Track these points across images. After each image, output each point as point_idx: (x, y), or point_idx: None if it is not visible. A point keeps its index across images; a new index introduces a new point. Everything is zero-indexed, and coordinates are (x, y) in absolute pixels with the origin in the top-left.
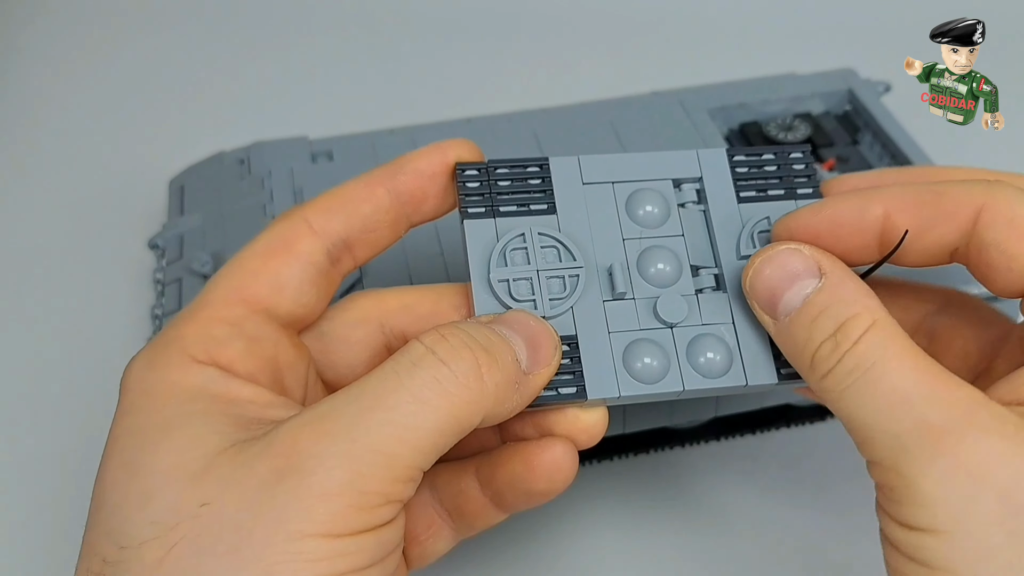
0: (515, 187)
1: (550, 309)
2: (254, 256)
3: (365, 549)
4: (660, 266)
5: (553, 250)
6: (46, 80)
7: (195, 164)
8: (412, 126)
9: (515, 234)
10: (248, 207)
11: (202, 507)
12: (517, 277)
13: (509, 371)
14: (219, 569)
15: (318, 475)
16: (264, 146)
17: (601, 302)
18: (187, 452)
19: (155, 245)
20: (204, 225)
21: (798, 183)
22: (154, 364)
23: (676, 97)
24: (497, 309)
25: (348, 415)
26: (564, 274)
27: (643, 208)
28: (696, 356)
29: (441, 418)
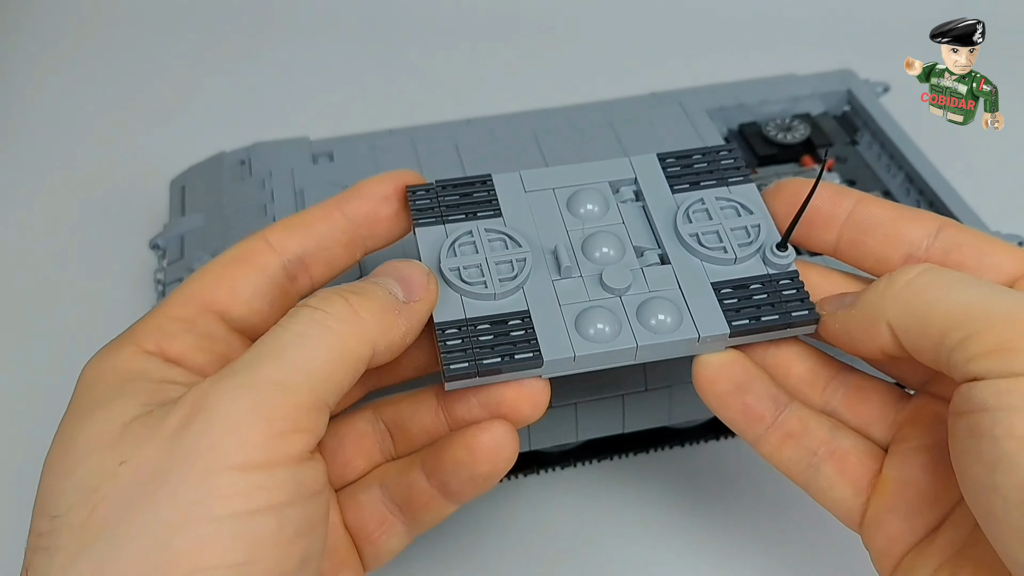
0: (462, 200)
1: (499, 288)
2: (214, 266)
3: (281, 484)
4: (604, 249)
5: (500, 242)
6: (47, 81)
7: (196, 164)
8: (412, 127)
9: (463, 231)
10: (249, 207)
11: (120, 465)
12: (467, 265)
13: (383, 302)
14: (139, 517)
15: (221, 409)
16: (265, 147)
17: (550, 281)
18: (105, 424)
19: (156, 245)
20: (205, 225)
21: (728, 173)
22: (105, 356)
23: (675, 98)
24: (449, 295)
25: (244, 361)
26: (512, 258)
27: (584, 206)
28: (647, 318)
29: (328, 347)
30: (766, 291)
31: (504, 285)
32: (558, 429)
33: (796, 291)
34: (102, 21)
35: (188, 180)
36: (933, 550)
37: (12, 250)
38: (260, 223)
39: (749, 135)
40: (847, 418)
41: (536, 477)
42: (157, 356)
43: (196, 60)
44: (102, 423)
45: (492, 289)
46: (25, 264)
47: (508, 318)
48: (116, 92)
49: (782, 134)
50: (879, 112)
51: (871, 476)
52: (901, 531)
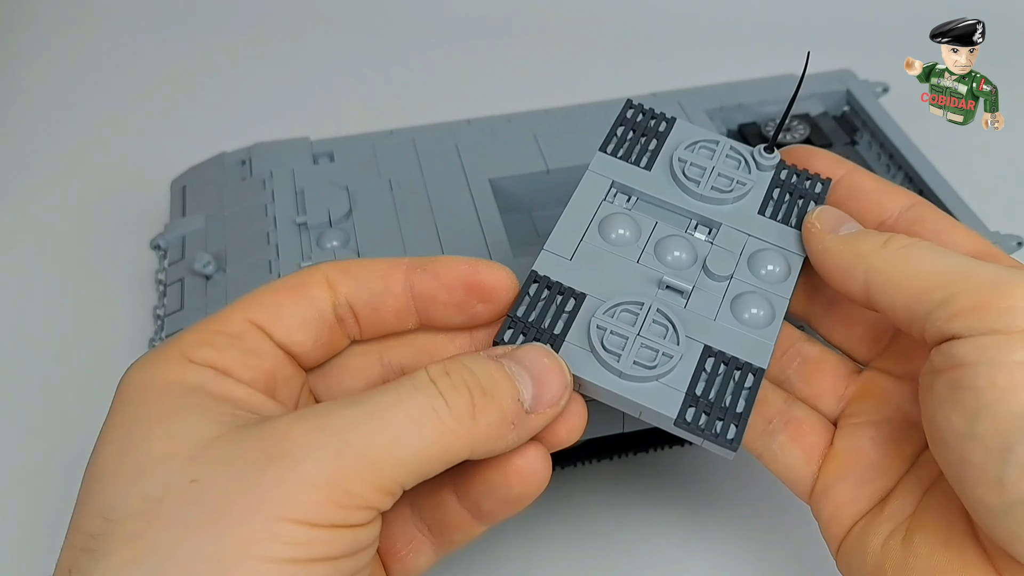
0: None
1: (631, 371)
2: (269, 289)
3: (339, 541)
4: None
5: (663, 327)
6: (48, 81)
7: (197, 165)
8: (412, 127)
9: (633, 299)
10: (250, 208)
11: (191, 483)
12: (616, 331)
13: (506, 412)
14: (196, 540)
15: (305, 465)
16: (265, 147)
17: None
18: (183, 437)
19: (157, 246)
20: (206, 226)
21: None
22: (152, 364)
23: (675, 98)
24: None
25: (345, 417)
26: (662, 350)
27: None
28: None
29: (430, 442)
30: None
31: (636, 370)
32: None
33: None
34: (102, 21)
35: (189, 180)
36: (883, 519)
37: (13, 250)
38: (261, 223)
39: (749, 135)
40: (800, 388)
41: None
42: (207, 367)
43: (197, 60)
44: (176, 437)
45: (622, 368)
46: (26, 264)
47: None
48: (117, 92)
49: (781, 134)
50: (878, 112)
51: (823, 447)
52: (851, 499)
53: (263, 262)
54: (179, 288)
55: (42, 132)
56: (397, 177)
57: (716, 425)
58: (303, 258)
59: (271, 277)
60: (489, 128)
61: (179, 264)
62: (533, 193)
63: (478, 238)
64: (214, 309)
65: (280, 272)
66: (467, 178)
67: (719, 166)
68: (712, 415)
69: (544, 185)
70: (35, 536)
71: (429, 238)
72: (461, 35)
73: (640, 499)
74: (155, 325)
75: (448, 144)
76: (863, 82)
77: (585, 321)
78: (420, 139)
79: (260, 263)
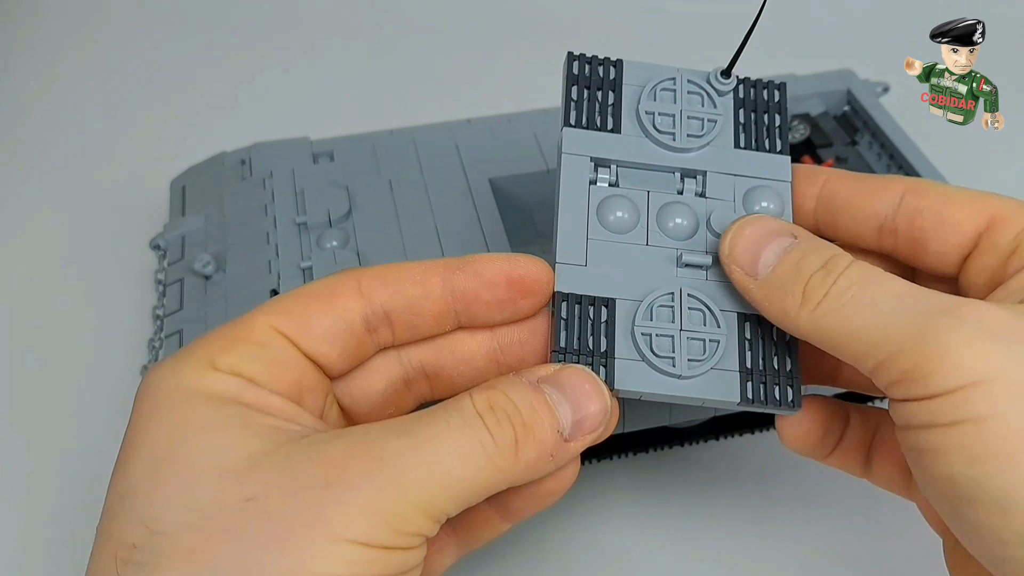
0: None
1: (687, 370)
2: (296, 296)
3: (391, 562)
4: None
5: (699, 313)
6: (47, 81)
7: (196, 165)
8: (413, 127)
9: (662, 292)
10: (249, 208)
11: (247, 501)
12: (661, 333)
13: (546, 446)
14: (257, 557)
15: (365, 491)
16: (265, 147)
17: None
18: (230, 451)
19: (157, 246)
20: (206, 226)
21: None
22: (178, 370)
23: None
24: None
25: (399, 448)
26: (706, 337)
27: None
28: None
29: (478, 478)
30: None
31: (693, 368)
32: None
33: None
34: (103, 21)
35: (188, 180)
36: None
37: (12, 250)
38: (261, 223)
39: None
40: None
41: None
42: (234, 376)
43: (197, 60)
44: (224, 450)
45: (679, 370)
46: (25, 264)
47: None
48: (117, 92)
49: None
50: (879, 112)
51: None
52: None
53: (263, 262)
54: (178, 288)
55: (42, 131)
56: (397, 177)
57: (775, 391)
58: (302, 258)
59: (270, 277)
60: (489, 128)
61: (179, 264)
62: (533, 193)
63: (478, 238)
64: (214, 309)
65: (280, 272)
66: (467, 178)
67: (685, 108)
68: (768, 383)
69: (544, 185)
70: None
71: (429, 238)
72: (461, 36)
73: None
74: (154, 325)
75: (448, 144)
76: (863, 82)
77: (626, 329)
78: (420, 139)
79: (260, 263)
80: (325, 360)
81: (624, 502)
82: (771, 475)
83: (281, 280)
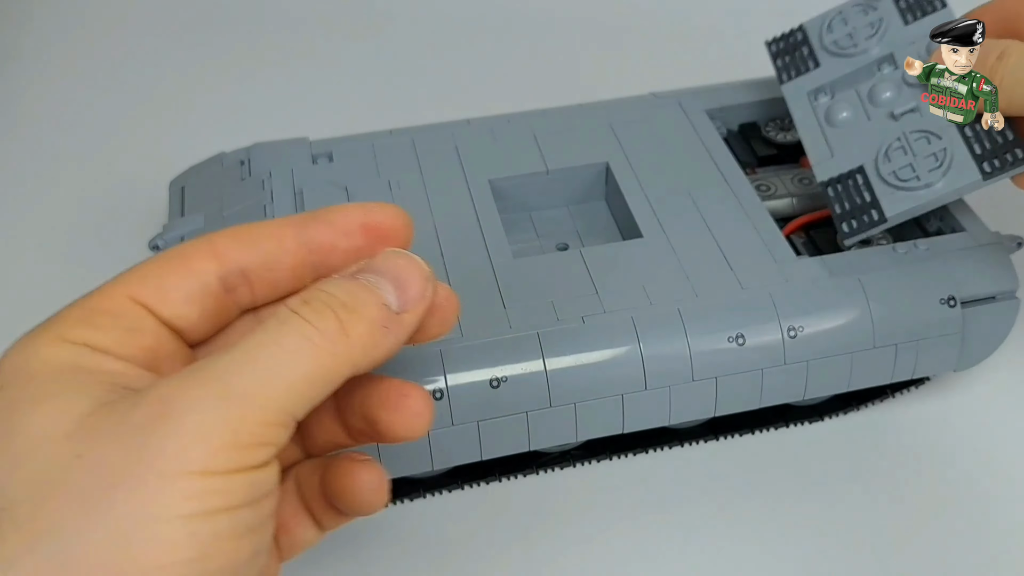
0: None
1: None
2: (151, 263)
3: (238, 489)
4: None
5: (922, 138)
6: (46, 81)
7: (196, 165)
8: (412, 127)
9: (889, 141)
10: (248, 208)
11: (76, 458)
12: (901, 166)
13: (374, 320)
14: (94, 511)
15: (192, 416)
16: (264, 147)
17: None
18: (59, 415)
19: (156, 246)
20: (205, 226)
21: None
22: (27, 344)
23: (675, 98)
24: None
25: (221, 366)
26: (935, 149)
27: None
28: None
29: (310, 366)
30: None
31: (934, 176)
32: (558, 429)
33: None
34: (101, 21)
35: (188, 180)
36: None
37: (11, 249)
38: None
39: (749, 135)
40: None
41: (536, 477)
42: (85, 347)
43: (196, 60)
44: (55, 415)
45: (925, 181)
46: (24, 264)
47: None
48: (116, 92)
49: (781, 134)
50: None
51: None
52: None
53: None
54: None
55: (41, 132)
56: (396, 178)
57: (1007, 156)
58: None
59: None
60: (489, 128)
61: None
62: (533, 193)
63: (477, 239)
64: None
65: None
66: (466, 179)
67: (854, 23)
68: (999, 154)
69: (544, 185)
70: None
71: (428, 239)
72: (460, 36)
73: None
74: None
75: (448, 145)
76: None
77: (877, 176)
78: (420, 139)
79: None
80: (184, 324)
81: (623, 502)
82: (772, 475)
83: None
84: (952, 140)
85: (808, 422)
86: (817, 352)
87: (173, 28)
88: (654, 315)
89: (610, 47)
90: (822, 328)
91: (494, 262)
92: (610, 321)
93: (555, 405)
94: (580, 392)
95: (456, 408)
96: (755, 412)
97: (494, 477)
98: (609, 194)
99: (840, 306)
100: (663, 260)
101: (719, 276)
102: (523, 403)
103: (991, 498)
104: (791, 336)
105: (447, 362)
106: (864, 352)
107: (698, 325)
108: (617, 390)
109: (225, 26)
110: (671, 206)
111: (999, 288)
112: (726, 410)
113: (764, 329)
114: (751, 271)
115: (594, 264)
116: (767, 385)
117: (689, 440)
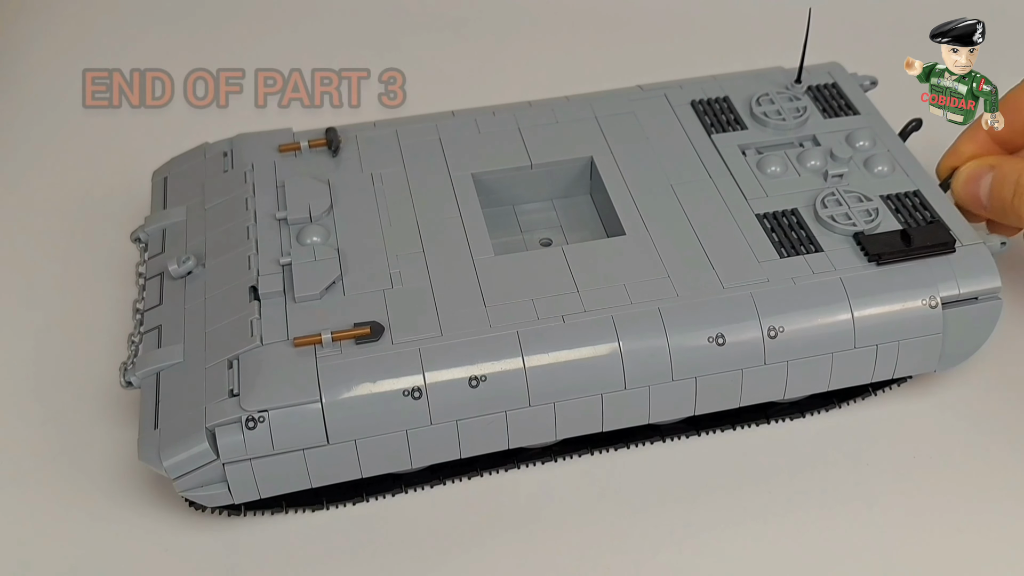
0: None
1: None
2: None
3: None
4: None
5: (855, 196)
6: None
7: (179, 155)
8: (396, 119)
9: (827, 191)
10: (230, 201)
11: None
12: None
13: None
14: None
15: None
16: (248, 138)
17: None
18: None
19: (138, 238)
20: (187, 219)
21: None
22: None
23: (661, 90)
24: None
25: None
26: (868, 207)
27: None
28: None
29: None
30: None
31: (869, 223)
32: (537, 428)
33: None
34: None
35: (170, 171)
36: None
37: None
38: (241, 217)
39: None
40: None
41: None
42: None
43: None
44: None
45: (859, 227)
46: (5, 255)
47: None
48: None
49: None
50: (865, 106)
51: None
52: None
53: (242, 257)
54: (158, 282)
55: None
56: (379, 171)
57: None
58: (282, 254)
59: (250, 272)
60: (473, 121)
61: (159, 257)
62: (516, 188)
63: (459, 236)
64: (193, 304)
65: (259, 268)
66: (450, 173)
67: (783, 105)
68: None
69: (527, 180)
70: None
71: (410, 234)
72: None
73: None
74: (134, 320)
75: (431, 138)
76: (851, 75)
77: (814, 221)
78: (403, 131)
79: (239, 258)
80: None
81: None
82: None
83: (260, 276)
84: (881, 206)
85: (790, 419)
86: (797, 352)
87: (163, 17)
88: (634, 314)
89: (596, 40)
90: (802, 328)
91: (475, 260)
92: (590, 320)
93: (534, 404)
94: (559, 391)
95: (435, 407)
96: (736, 408)
97: (475, 472)
98: (594, 189)
99: (821, 306)
100: (645, 258)
101: (700, 275)
102: (502, 402)
103: (972, 495)
104: (771, 336)
105: (425, 360)
106: (845, 352)
107: (678, 325)
108: (597, 389)
109: (215, 18)
110: (654, 203)
111: (981, 288)
112: (705, 409)
113: (744, 328)
114: (733, 270)
115: (575, 262)
116: (747, 385)
117: (670, 436)
